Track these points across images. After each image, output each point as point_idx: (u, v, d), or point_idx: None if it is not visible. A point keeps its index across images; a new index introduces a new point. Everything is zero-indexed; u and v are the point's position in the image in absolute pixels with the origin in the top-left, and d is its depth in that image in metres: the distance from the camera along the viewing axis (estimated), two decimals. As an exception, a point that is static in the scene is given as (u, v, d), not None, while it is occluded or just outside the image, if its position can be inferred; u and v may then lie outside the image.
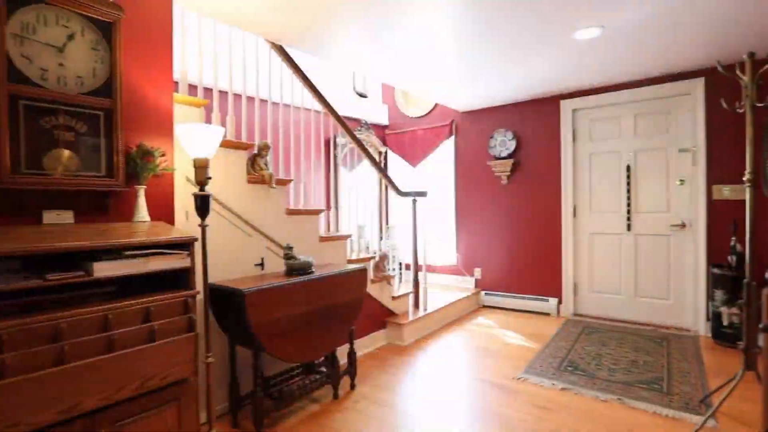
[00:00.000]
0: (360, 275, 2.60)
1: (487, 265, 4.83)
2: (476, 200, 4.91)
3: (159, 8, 1.99)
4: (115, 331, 1.38)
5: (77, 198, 1.70)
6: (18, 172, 1.49)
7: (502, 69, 3.48)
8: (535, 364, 3.00)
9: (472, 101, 4.54)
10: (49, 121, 1.58)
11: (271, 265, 2.62)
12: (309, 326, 2.25)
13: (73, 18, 1.64)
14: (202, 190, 1.83)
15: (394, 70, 3.45)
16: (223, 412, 2.35)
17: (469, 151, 4.96)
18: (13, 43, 1.50)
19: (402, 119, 5.56)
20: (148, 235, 1.59)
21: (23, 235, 1.38)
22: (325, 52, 3.06)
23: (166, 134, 2.00)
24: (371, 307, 3.40)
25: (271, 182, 2.55)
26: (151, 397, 1.47)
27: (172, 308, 1.55)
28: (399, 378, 2.82)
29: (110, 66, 1.72)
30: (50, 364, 1.24)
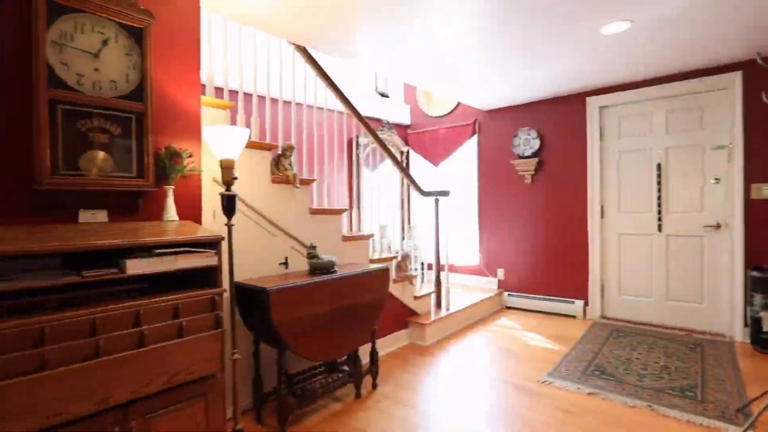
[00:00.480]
0: (382, 275, 2.61)
1: (510, 266, 4.76)
2: (499, 200, 4.84)
3: (187, 13, 2.05)
4: (145, 326, 1.43)
5: (110, 198, 1.76)
6: (56, 173, 1.56)
7: (526, 67, 3.42)
8: (560, 367, 2.93)
9: (495, 100, 4.48)
10: (84, 124, 1.64)
11: (294, 265, 2.65)
12: (332, 325, 2.27)
13: (107, 25, 1.70)
14: (229, 190, 1.87)
15: (416, 69, 3.44)
16: (248, 408, 2.40)
17: (492, 150, 4.90)
18: (53, 51, 1.57)
19: (424, 119, 5.54)
20: (177, 234, 1.64)
21: (62, 233, 1.44)
22: (347, 53, 3.08)
23: (194, 136, 2.05)
24: (393, 306, 3.40)
25: (295, 182, 2.58)
26: (180, 392, 1.52)
27: (199, 305, 1.59)
28: (421, 378, 2.81)
29: (141, 70, 1.78)
30: (87, 357, 1.29)
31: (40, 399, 1.18)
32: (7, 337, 1.18)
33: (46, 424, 1.20)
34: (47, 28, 1.55)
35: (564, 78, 3.75)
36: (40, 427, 1.19)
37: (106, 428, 1.34)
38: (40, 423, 1.18)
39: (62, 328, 1.28)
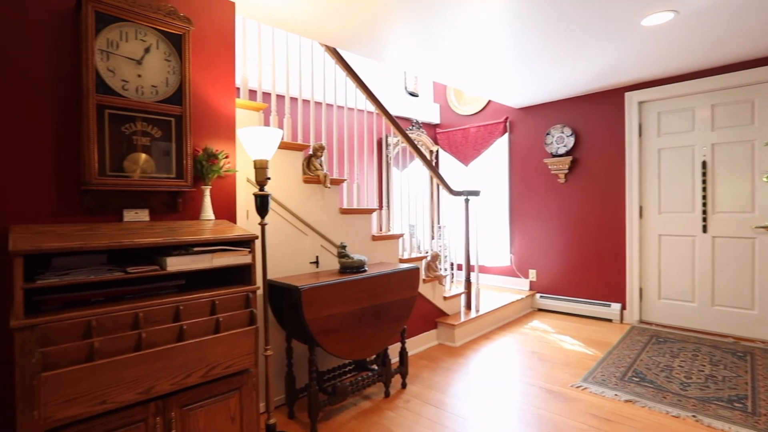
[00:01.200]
0: (412, 274, 2.60)
1: (542, 267, 4.64)
2: (531, 199, 4.73)
3: (223, 19, 2.11)
4: (185, 321, 1.48)
5: (152, 197, 1.85)
6: (103, 174, 1.65)
7: (561, 62, 3.32)
8: (596, 372, 2.84)
9: (527, 97, 4.38)
10: (128, 127, 1.73)
11: (325, 263, 2.69)
12: (362, 324, 2.29)
13: (149, 32, 1.78)
14: (262, 190, 1.92)
15: (446, 68, 3.41)
16: (280, 403, 2.45)
17: (524, 148, 4.79)
18: (100, 58, 1.65)
19: (454, 117, 5.48)
20: (213, 232, 1.69)
21: (108, 231, 1.52)
22: (377, 54, 3.09)
23: (229, 137, 2.11)
24: (423, 306, 3.39)
25: (325, 182, 2.62)
26: (216, 385, 1.57)
27: (234, 302, 1.64)
28: (450, 379, 2.79)
29: (180, 75, 1.86)
30: (130, 349, 1.36)
31: (89, 387, 1.25)
32: (61, 329, 1.26)
33: (94, 411, 1.27)
34: (95, 38, 1.63)
35: (601, 73, 3.62)
36: (89, 414, 1.26)
37: (147, 418, 1.41)
38: (89, 410, 1.25)
39: (109, 321, 1.35)
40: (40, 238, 1.33)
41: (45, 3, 1.61)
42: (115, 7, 1.66)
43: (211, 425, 1.56)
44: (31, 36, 1.58)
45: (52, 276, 1.31)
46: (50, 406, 1.18)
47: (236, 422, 1.64)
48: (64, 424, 1.23)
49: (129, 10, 1.70)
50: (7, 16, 1.53)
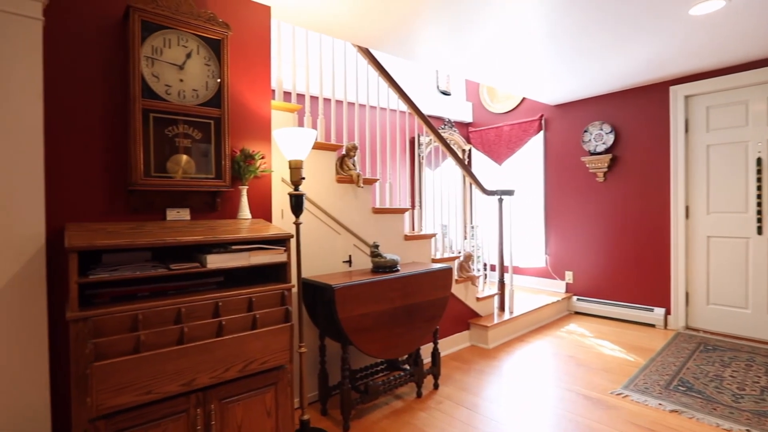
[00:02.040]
0: (445, 275, 2.58)
1: (579, 269, 4.48)
2: (568, 199, 4.58)
3: (259, 23, 2.17)
4: (223, 317, 1.53)
5: (192, 197, 1.92)
6: (148, 175, 1.73)
7: (600, 56, 3.19)
8: (637, 379, 2.71)
9: (563, 93, 4.24)
10: (171, 130, 1.80)
11: (358, 263, 2.71)
12: (394, 323, 2.29)
13: (190, 39, 1.85)
14: (297, 190, 1.95)
15: (479, 65, 3.36)
16: (313, 399, 2.49)
17: (560, 146, 4.64)
18: (146, 65, 1.73)
19: (487, 116, 5.39)
20: (250, 231, 1.74)
21: (153, 230, 1.59)
22: (409, 53, 3.08)
23: (265, 138, 2.17)
24: (455, 307, 3.35)
25: (358, 182, 2.64)
26: (253, 380, 1.61)
27: (270, 300, 1.67)
28: (483, 381, 2.74)
29: (219, 79, 1.92)
30: (173, 342, 1.42)
31: (136, 377, 1.31)
32: (111, 321, 1.33)
33: (141, 400, 1.33)
34: (141, 45, 1.71)
35: (643, 66, 3.46)
36: (136, 402, 1.32)
37: (189, 409, 1.46)
38: (136, 399, 1.32)
39: (153, 315, 1.41)
40: (92, 235, 1.41)
41: (97, 14, 1.70)
42: (159, 15, 1.74)
43: (249, 419, 1.60)
44: (87, 47, 1.68)
45: (103, 271, 1.39)
46: (101, 393, 1.25)
47: (272, 417, 1.68)
48: (114, 411, 1.30)
49: (172, 18, 1.77)
50: (68, 29, 1.63)
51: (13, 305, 1.44)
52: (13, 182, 1.44)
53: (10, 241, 1.43)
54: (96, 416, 1.27)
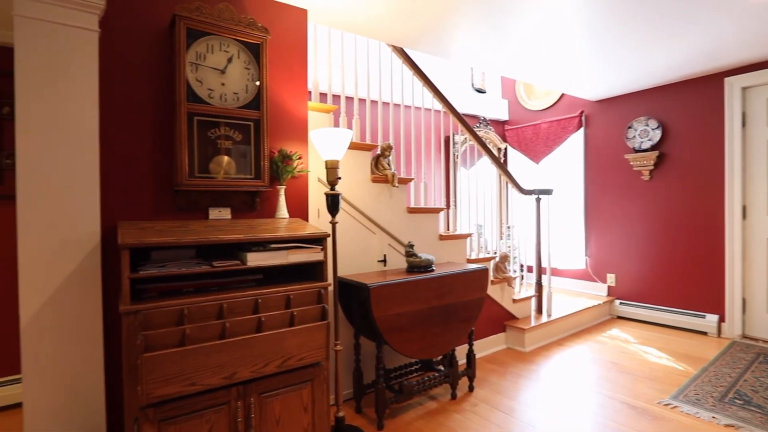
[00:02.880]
0: (481, 275, 2.54)
1: (622, 271, 4.29)
2: (610, 198, 4.39)
3: (296, 26, 2.21)
4: (262, 313, 1.57)
5: (233, 197, 1.98)
6: (192, 176, 1.80)
7: (645, 48, 3.04)
8: (688, 390, 2.56)
9: (605, 88, 4.07)
10: (214, 132, 1.87)
11: (392, 262, 2.71)
12: (430, 324, 2.27)
13: (231, 44, 1.91)
14: (333, 190, 1.98)
15: (515, 62, 3.28)
16: (348, 397, 2.51)
17: (602, 144, 4.46)
18: (190, 70, 1.81)
19: (523, 113, 5.26)
20: (288, 230, 1.78)
21: (197, 228, 1.66)
22: (443, 51, 3.05)
23: (302, 139, 2.21)
24: (491, 309, 3.29)
25: (393, 181, 2.64)
26: (291, 376, 1.64)
27: (307, 297, 1.70)
28: (520, 385, 2.67)
29: (258, 82, 1.97)
30: (216, 337, 1.47)
31: (181, 369, 1.37)
32: (159, 315, 1.40)
33: (185, 391, 1.39)
34: (186, 51, 1.79)
35: (695, 57, 3.26)
36: (181, 393, 1.38)
37: (230, 401, 1.51)
38: (181, 390, 1.38)
39: (197, 310, 1.47)
40: (143, 233, 1.49)
41: (146, 24, 1.79)
42: (203, 22, 1.81)
43: (286, 413, 1.64)
44: (136, 55, 1.77)
45: (152, 267, 1.46)
46: (150, 383, 1.31)
47: (308, 412, 1.71)
48: (161, 400, 1.36)
49: (215, 24, 1.84)
50: (120, 39, 1.72)
51: (73, 298, 1.54)
52: (73, 184, 1.55)
53: (71, 238, 1.54)
54: (146, 404, 1.33)
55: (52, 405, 1.51)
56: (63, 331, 1.52)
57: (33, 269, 1.48)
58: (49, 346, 1.50)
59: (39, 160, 1.49)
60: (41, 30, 1.49)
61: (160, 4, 1.83)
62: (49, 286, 1.50)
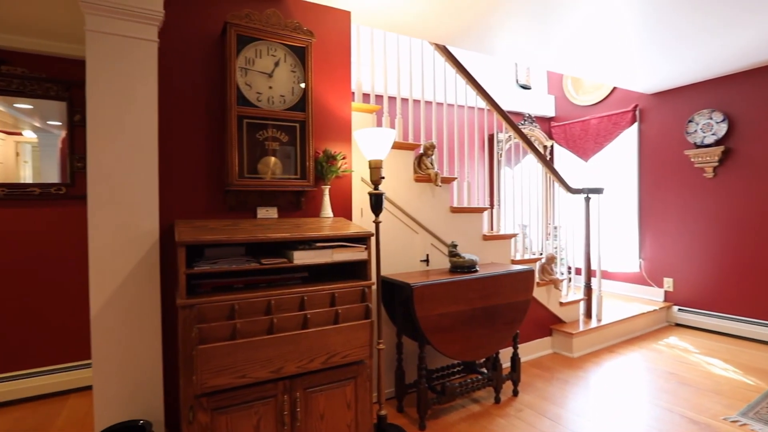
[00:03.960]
0: (527, 277, 2.46)
1: (681, 276, 4.01)
2: (668, 197, 4.12)
3: (339, 28, 2.25)
4: (308, 310, 1.61)
5: (279, 197, 2.04)
6: (242, 176, 1.88)
7: (708, 35, 2.82)
8: (759, 406, 2.35)
9: (661, 80, 3.82)
10: (262, 134, 1.94)
11: (435, 262, 2.69)
12: (473, 325, 2.24)
13: (278, 48, 1.97)
14: (377, 189, 1.99)
15: (563, 56, 3.15)
16: (390, 396, 2.52)
17: (658, 139, 4.19)
18: (240, 75, 1.88)
19: (571, 109, 5.05)
20: (332, 229, 1.81)
21: (246, 227, 1.72)
22: (488, 48, 2.98)
23: (345, 139, 2.24)
24: (536, 311, 3.18)
25: (436, 181, 2.62)
26: (335, 372, 1.67)
27: (351, 296, 1.72)
28: (567, 392, 2.57)
29: (303, 84, 2.02)
30: (264, 332, 1.52)
31: (232, 362, 1.43)
32: (212, 309, 1.46)
33: (236, 383, 1.45)
34: (236, 57, 1.86)
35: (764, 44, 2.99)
36: (232, 384, 1.44)
37: (277, 394, 1.56)
38: (232, 381, 1.44)
39: (247, 306, 1.52)
40: (197, 231, 1.57)
41: (200, 32, 1.89)
42: (252, 29, 1.87)
43: (330, 409, 1.67)
44: (190, 62, 1.87)
45: (205, 264, 1.53)
46: (204, 373, 1.38)
47: (351, 409, 1.73)
48: (214, 390, 1.43)
49: (263, 30, 1.90)
50: (177, 47, 1.83)
51: (135, 291, 1.65)
52: (136, 185, 1.65)
53: (134, 235, 1.65)
54: (200, 393, 1.40)
55: (116, 389, 1.62)
56: (126, 321, 1.64)
57: (102, 264, 1.59)
58: (115, 335, 1.62)
59: (106, 163, 1.61)
60: (109, 43, 1.61)
61: (212, 13, 1.92)
62: (115, 280, 1.61)
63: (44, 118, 2.64)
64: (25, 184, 2.56)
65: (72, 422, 2.27)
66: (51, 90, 2.59)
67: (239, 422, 1.49)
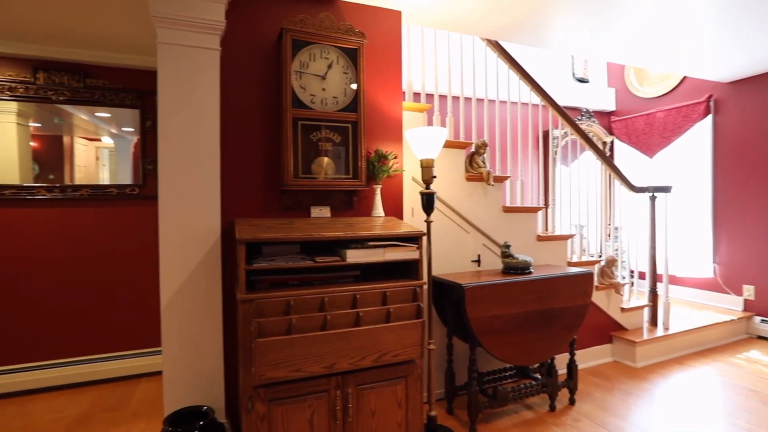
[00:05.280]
0: (585, 280, 2.34)
1: (765, 283, 3.63)
2: (749, 196, 3.74)
3: (390, 28, 2.25)
4: (360, 309, 1.63)
5: (332, 196, 2.09)
6: (297, 177, 1.94)
7: (803, 15, 2.52)
8: None
9: (740, 66, 3.46)
10: (315, 135, 1.99)
11: (487, 262, 2.63)
12: (527, 329, 2.16)
13: (331, 51, 2.02)
14: (428, 188, 1.98)
15: (626, 46, 2.95)
16: (439, 397, 2.50)
17: (738, 132, 3.82)
18: (295, 78, 1.94)
19: (634, 102, 4.73)
20: (384, 228, 1.82)
21: (301, 225, 1.78)
22: (542, 41, 2.87)
23: (396, 139, 2.24)
24: (595, 317, 3.02)
25: (488, 179, 2.56)
26: (386, 371, 1.68)
27: (402, 295, 1.73)
28: (630, 404, 2.41)
29: (355, 85, 2.05)
30: (317, 328, 1.56)
31: (288, 356, 1.48)
32: (269, 305, 1.53)
33: (291, 376, 1.50)
34: (292, 61, 1.93)
35: None
36: (288, 377, 1.49)
37: (330, 390, 1.60)
38: (287, 374, 1.49)
39: (301, 302, 1.57)
40: (256, 229, 1.64)
41: (257, 39, 1.97)
42: (307, 33, 1.93)
43: (381, 406, 1.68)
44: (248, 67, 1.96)
45: (263, 261, 1.60)
46: (262, 365, 1.44)
47: (402, 408, 1.73)
48: (271, 383, 1.49)
49: (317, 34, 1.95)
50: (236, 54, 1.92)
51: (199, 285, 1.75)
52: (200, 186, 1.76)
53: (198, 233, 1.75)
54: (258, 384, 1.47)
55: (183, 375, 1.74)
56: (192, 313, 1.75)
57: (171, 259, 1.71)
58: (181, 325, 1.73)
59: (175, 166, 1.72)
60: (177, 53, 1.72)
61: (269, 20, 1.99)
62: (182, 274, 1.73)
63: (120, 125, 2.88)
64: (104, 185, 2.81)
65: (144, 403, 2.46)
66: (126, 99, 2.82)
67: (294, 414, 1.54)
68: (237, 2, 1.92)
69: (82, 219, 2.73)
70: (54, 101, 2.67)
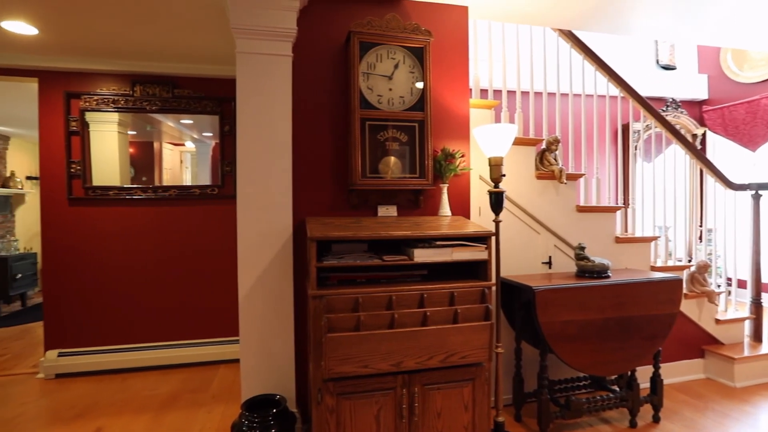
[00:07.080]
0: (672, 287, 2.13)
1: None
2: None
3: (457, 24, 2.21)
4: (428, 308, 1.62)
5: (398, 195, 2.10)
6: (364, 176, 1.97)
7: None
8: None
9: None
10: (382, 135, 2.01)
11: (558, 265, 2.50)
12: (604, 337, 2.02)
13: (398, 51, 2.02)
14: (497, 187, 1.92)
15: (723, 24, 2.64)
16: (507, 403, 2.42)
17: None
18: (362, 79, 1.98)
19: (731, 89, 4.22)
20: (451, 228, 1.79)
21: (368, 224, 1.81)
22: (622, 27, 2.65)
23: (463, 137, 2.20)
24: (684, 328, 2.74)
25: (561, 177, 2.42)
26: (453, 372, 1.66)
27: (470, 296, 1.69)
28: (727, 427, 2.16)
29: (422, 84, 2.04)
30: (385, 326, 1.57)
31: (356, 352, 1.51)
32: (338, 301, 1.57)
33: (359, 372, 1.53)
34: (359, 63, 1.96)
35: None
36: (355, 373, 1.52)
37: (396, 387, 1.61)
38: (355, 370, 1.52)
39: (369, 300, 1.60)
40: (326, 228, 1.69)
41: (326, 43, 2.04)
42: (373, 34, 1.96)
43: (447, 408, 1.66)
44: (317, 71, 2.03)
45: (333, 258, 1.65)
46: (332, 360, 1.49)
47: (469, 411, 1.69)
48: (339, 377, 1.53)
49: (383, 35, 1.97)
50: (306, 59, 2.00)
51: (273, 280, 1.85)
52: (273, 186, 1.86)
53: (272, 230, 1.85)
54: (327, 378, 1.52)
55: (257, 365, 1.84)
56: (266, 306, 1.85)
57: (248, 255, 1.82)
58: (257, 317, 1.84)
59: (251, 167, 1.83)
60: (254, 62, 1.83)
61: (336, 24, 2.05)
62: (257, 269, 1.83)
63: (200, 131, 3.13)
64: (188, 186, 3.07)
65: (223, 388, 2.65)
66: (207, 106, 3.06)
67: (361, 409, 1.57)
68: (307, 9, 1.99)
69: (171, 216, 3.01)
70: (148, 111, 2.97)
